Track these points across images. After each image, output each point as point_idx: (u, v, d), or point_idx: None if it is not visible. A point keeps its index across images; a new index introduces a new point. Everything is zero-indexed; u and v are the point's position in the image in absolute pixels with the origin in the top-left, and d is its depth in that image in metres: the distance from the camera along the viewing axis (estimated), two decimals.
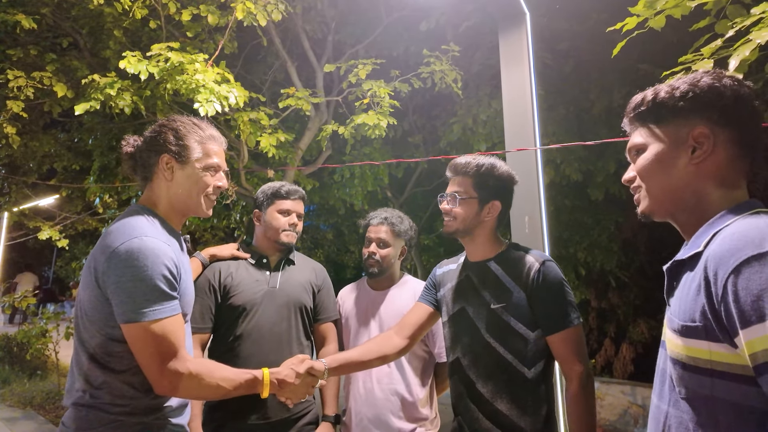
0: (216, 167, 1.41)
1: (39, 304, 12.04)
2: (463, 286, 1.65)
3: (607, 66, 5.44)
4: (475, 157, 1.62)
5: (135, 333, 1.20)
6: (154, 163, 1.38)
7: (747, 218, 0.84)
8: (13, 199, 8.33)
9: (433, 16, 5.59)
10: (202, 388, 1.28)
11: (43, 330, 7.23)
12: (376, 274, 2.13)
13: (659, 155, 0.95)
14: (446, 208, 1.63)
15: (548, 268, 1.51)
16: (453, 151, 6.67)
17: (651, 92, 0.97)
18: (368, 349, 1.70)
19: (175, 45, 3.85)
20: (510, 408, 1.48)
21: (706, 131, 0.90)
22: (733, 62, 1.77)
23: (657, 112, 0.96)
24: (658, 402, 0.94)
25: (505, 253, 1.61)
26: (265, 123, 4.50)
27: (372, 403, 2.01)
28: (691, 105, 0.92)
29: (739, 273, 0.76)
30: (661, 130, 0.95)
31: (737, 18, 1.89)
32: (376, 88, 4.52)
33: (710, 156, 0.90)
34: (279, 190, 2.06)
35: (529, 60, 3.08)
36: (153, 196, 1.39)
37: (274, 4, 4.18)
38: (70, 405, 1.27)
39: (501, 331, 1.51)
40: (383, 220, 2.15)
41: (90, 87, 3.91)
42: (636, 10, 2.11)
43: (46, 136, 6.49)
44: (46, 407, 5.87)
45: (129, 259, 1.20)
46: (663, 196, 0.96)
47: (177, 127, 1.39)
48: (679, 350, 0.87)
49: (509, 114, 3.08)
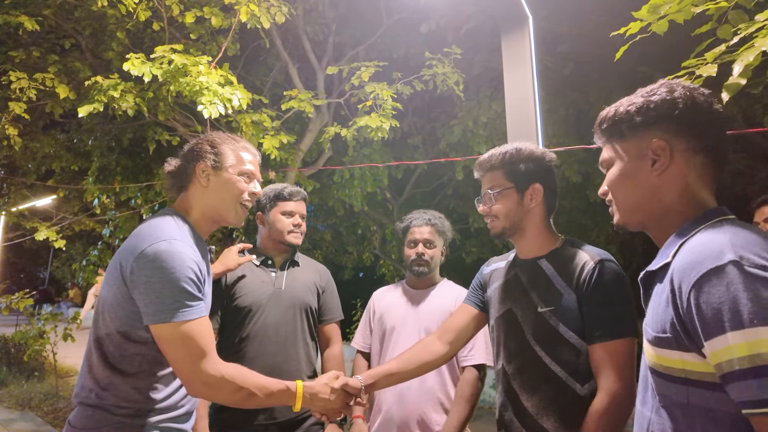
0: (250, 174, 1.46)
1: (35, 305, 11.97)
2: (510, 285, 1.48)
3: (606, 68, 5.48)
4: (497, 147, 1.49)
5: (165, 334, 1.22)
6: (191, 172, 1.42)
7: (709, 229, 0.85)
8: (11, 200, 8.30)
9: (433, 19, 5.61)
10: (235, 393, 1.28)
11: (41, 331, 7.20)
12: (425, 273, 2.15)
13: (623, 170, 0.98)
14: (484, 209, 1.49)
15: (606, 267, 1.32)
16: (453, 153, 6.70)
17: (612, 108, 1.00)
18: (407, 360, 1.57)
19: (178, 47, 3.86)
20: (557, 428, 1.30)
21: (663, 144, 0.92)
22: (737, 67, 1.79)
23: (618, 129, 0.99)
24: (641, 408, 0.95)
25: (560, 250, 1.43)
26: (267, 125, 4.52)
27: (404, 404, 1.99)
28: (646, 119, 0.94)
29: (700, 287, 0.78)
30: (622, 146, 0.99)
31: (740, 23, 1.92)
32: (378, 91, 4.54)
33: (670, 167, 0.92)
34: (281, 192, 2.07)
35: (532, 63, 3.10)
36: (186, 203, 1.43)
37: (277, 6, 4.20)
38: (77, 404, 1.28)
39: (548, 339, 1.34)
40: (427, 220, 2.17)
41: (93, 89, 3.92)
42: (639, 14, 2.13)
43: (46, 137, 6.47)
44: (43, 408, 5.83)
45: (157, 261, 1.21)
46: (632, 209, 0.99)
47: (212, 138, 1.45)
48: (654, 360, 0.89)
49: (512, 117, 3.10)
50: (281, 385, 1.37)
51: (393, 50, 6.30)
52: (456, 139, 6.27)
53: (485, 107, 5.94)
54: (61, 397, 6.19)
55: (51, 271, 20.16)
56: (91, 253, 8.11)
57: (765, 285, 0.73)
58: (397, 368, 1.55)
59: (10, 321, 10.86)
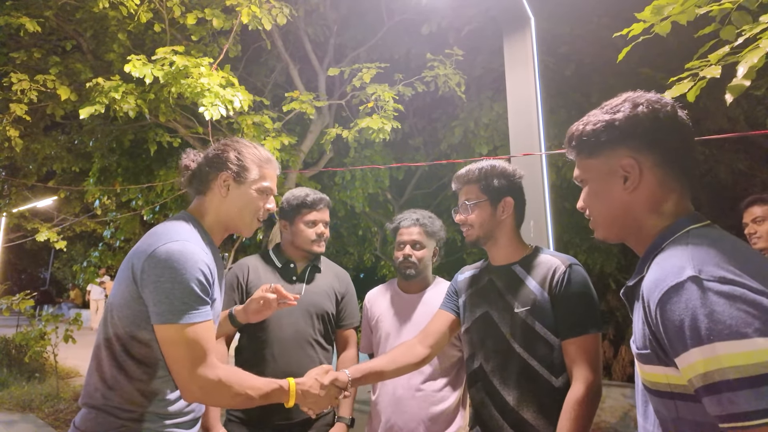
0: (269, 191, 1.47)
1: (36, 306, 11.97)
2: (486, 289, 1.61)
3: (607, 69, 5.48)
4: (474, 164, 1.64)
5: (169, 335, 1.22)
6: (213, 179, 1.42)
7: (674, 243, 0.86)
8: (12, 202, 8.30)
9: (434, 20, 5.62)
10: (232, 397, 1.29)
11: (42, 332, 7.19)
12: (413, 276, 2.10)
13: (595, 188, 1.00)
14: (461, 218, 1.62)
15: (575, 271, 1.47)
16: (454, 154, 6.70)
17: (579, 125, 1.01)
18: (392, 359, 1.67)
19: (179, 49, 3.86)
20: (536, 417, 1.43)
21: (632, 161, 0.93)
22: (741, 69, 1.78)
23: (586, 146, 0.99)
24: (644, 423, 0.94)
25: (531, 256, 1.58)
26: (269, 126, 4.52)
27: (403, 411, 1.98)
28: (611, 137, 0.95)
29: (663, 305, 0.78)
30: (592, 163, 1.00)
31: (744, 25, 1.91)
32: (380, 92, 4.54)
33: (641, 183, 0.93)
34: (305, 200, 2.06)
35: (534, 64, 3.10)
36: (202, 208, 1.43)
37: (278, 7, 4.20)
38: (82, 405, 1.28)
39: (526, 337, 1.47)
40: (415, 221, 2.12)
41: (94, 90, 3.92)
42: (643, 16, 2.13)
43: (47, 139, 6.47)
44: (44, 410, 5.82)
45: (168, 261, 1.21)
46: (608, 224, 1.00)
47: (239, 148, 1.45)
48: (644, 376, 0.89)
49: (514, 118, 3.10)
50: (275, 384, 1.38)
51: (394, 51, 6.30)
52: (457, 141, 6.27)
53: (486, 108, 5.94)
54: (62, 398, 6.18)
55: (52, 272, 20.18)
56: (92, 255, 8.11)
57: (723, 298, 0.73)
58: (383, 367, 1.65)
59: (11, 322, 10.87)
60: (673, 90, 1.95)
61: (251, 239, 13.84)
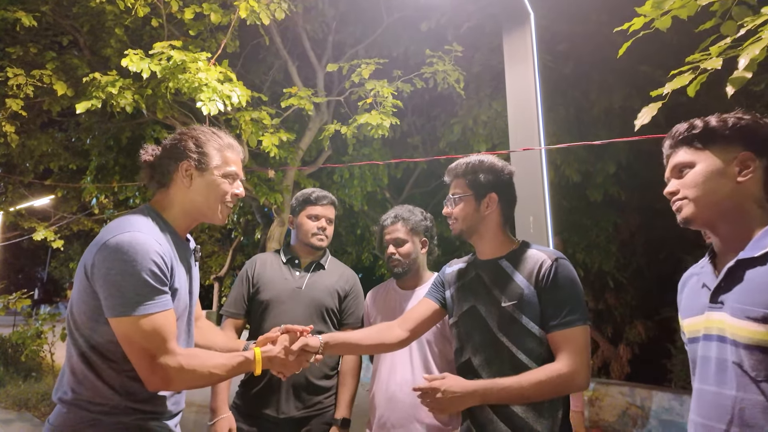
0: (234, 175, 1.44)
1: (33, 305, 11.93)
2: (473, 284, 1.62)
3: (606, 67, 5.47)
4: (466, 157, 1.65)
5: (124, 328, 1.20)
6: (174, 170, 1.39)
7: None
8: (9, 199, 8.26)
9: (433, 17, 5.61)
10: (196, 380, 1.28)
11: (38, 331, 7.17)
12: (402, 273, 2.10)
13: (708, 171, 1.13)
14: (447, 211, 1.65)
15: (561, 265, 1.48)
16: (452, 151, 6.69)
17: (700, 121, 1.17)
18: (368, 335, 1.71)
19: (177, 43, 3.83)
20: (525, 410, 1.44)
21: (752, 155, 1.10)
22: (743, 61, 1.77)
23: (707, 136, 1.15)
24: (718, 389, 1.05)
25: (518, 251, 1.58)
26: (267, 123, 4.49)
27: (395, 407, 1.97)
28: (736, 134, 1.12)
29: None
30: (709, 151, 1.14)
31: (745, 18, 1.90)
32: (379, 88, 4.52)
33: (752, 177, 1.09)
34: (309, 197, 2.20)
35: (534, 60, 3.09)
36: (165, 201, 1.40)
37: (276, 2, 4.18)
38: (56, 401, 1.27)
39: (513, 330, 1.48)
40: (394, 218, 2.14)
41: (91, 85, 3.89)
42: (643, 10, 2.11)
43: (44, 136, 6.44)
44: (40, 409, 5.81)
45: (118, 252, 1.19)
46: (709, 207, 1.12)
47: (197, 135, 1.42)
48: (760, 336, 0.99)
49: (513, 114, 3.08)
50: (240, 357, 1.37)
51: (393, 48, 6.29)
52: (456, 138, 6.26)
53: (485, 106, 5.93)
54: None
55: (49, 271, 20.12)
56: None
57: None
58: (358, 340, 1.69)
59: (8, 321, 10.83)
60: (674, 82, 1.93)
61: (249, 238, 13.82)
